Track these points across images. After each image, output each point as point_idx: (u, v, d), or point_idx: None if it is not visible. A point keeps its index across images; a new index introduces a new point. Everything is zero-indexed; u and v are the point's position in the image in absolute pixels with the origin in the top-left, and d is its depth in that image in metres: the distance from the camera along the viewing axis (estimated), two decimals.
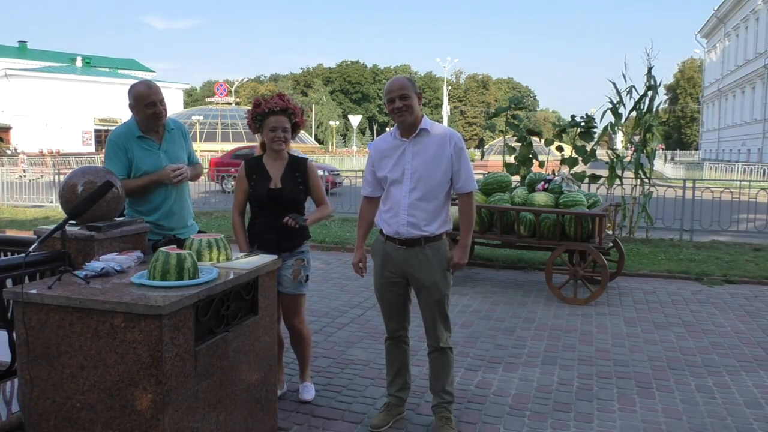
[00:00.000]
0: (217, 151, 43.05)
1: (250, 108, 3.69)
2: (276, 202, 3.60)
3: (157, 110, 3.40)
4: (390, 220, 3.34)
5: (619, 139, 13.05)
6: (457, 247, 3.38)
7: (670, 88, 71.92)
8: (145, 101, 3.37)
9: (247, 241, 3.67)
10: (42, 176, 18.31)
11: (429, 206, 3.28)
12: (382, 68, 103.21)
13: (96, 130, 53.15)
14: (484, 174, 7.39)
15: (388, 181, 3.34)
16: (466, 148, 3.38)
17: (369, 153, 3.49)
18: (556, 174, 7.54)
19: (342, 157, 40.91)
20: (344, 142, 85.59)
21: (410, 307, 3.54)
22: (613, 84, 10.09)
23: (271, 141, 3.60)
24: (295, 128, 3.71)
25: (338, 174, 17.39)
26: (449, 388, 3.47)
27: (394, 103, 3.22)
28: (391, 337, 3.56)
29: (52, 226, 2.66)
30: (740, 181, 13.76)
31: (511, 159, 8.96)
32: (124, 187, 3.24)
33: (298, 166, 3.70)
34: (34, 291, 2.34)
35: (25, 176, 17.52)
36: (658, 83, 9.90)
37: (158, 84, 3.59)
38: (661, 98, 10.37)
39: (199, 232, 3.68)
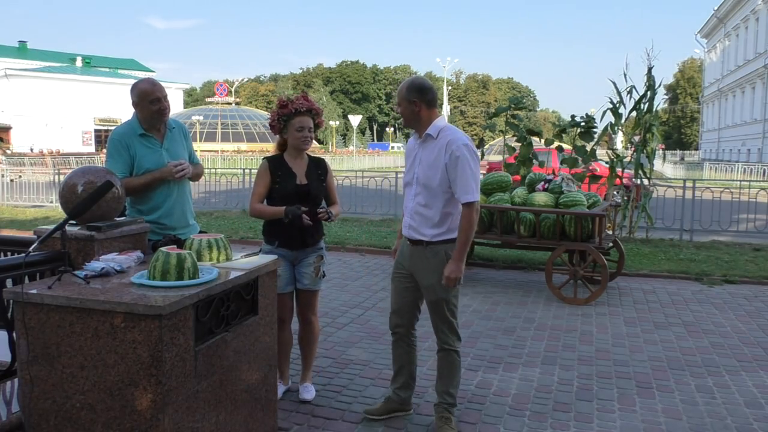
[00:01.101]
0: (215, 151, 43.06)
1: (274, 109, 3.72)
2: (303, 198, 3.65)
3: (162, 106, 3.42)
4: (403, 220, 3.45)
5: (619, 139, 13.02)
6: (450, 260, 3.23)
7: (670, 88, 71.92)
8: (150, 98, 3.38)
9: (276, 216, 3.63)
10: (21, 176, 17.69)
11: (429, 212, 3.28)
12: (382, 68, 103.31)
13: (96, 130, 53.18)
14: (483, 174, 7.39)
15: (404, 182, 3.47)
16: (471, 156, 3.19)
17: None
18: (556, 174, 7.53)
19: (342, 157, 40.93)
20: (344, 142, 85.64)
21: (418, 308, 3.55)
22: (614, 84, 10.10)
23: (297, 140, 3.66)
24: (316, 129, 3.79)
25: None
26: (452, 391, 3.46)
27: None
28: (392, 332, 3.59)
29: (52, 226, 2.65)
30: (740, 181, 13.76)
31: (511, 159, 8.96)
32: (126, 186, 3.24)
33: (320, 164, 3.83)
34: (34, 291, 2.34)
35: (3, 177, 16.55)
36: (657, 83, 9.90)
37: None
38: (660, 98, 10.35)
39: (199, 232, 3.69)
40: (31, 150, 40.21)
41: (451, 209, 3.29)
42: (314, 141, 4.00)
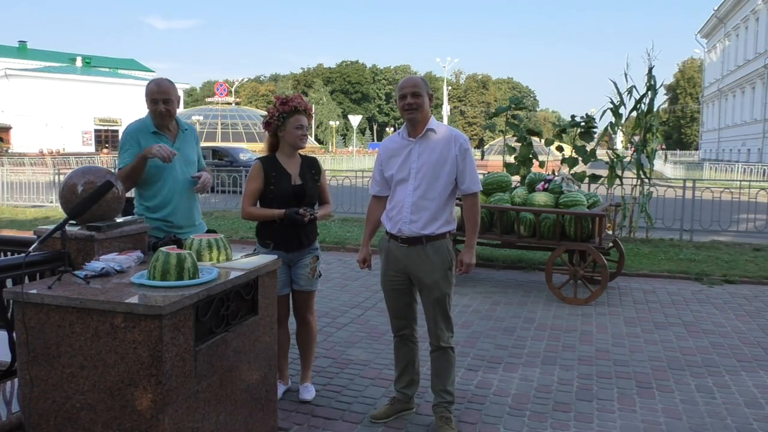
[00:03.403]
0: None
1: (274, 105, 3.70)
2: (299, 198, 3.66)
3: (159, 108, 3.47)
4: (394, 218, 3.38)
5: (619, 139, 13.03)
6: (464, 248, 3.43)
7: (670, 88, 71.91)
8: (150, 97, 3.48)
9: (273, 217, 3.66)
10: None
11: (432, 205, 3.31)
12: (381, 68, 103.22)
13: (96, 130, 53.18)
14: (484, 174, 7.39)
15: (395, 180, 3.39)
16: (471, 149, 3.42)
17: (378, 153, 3.54)
18: (556, 174, 7.53)
19: (342, 158, 40.93)
20: (344, 142, 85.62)
21: (416, 307, 3.56)
22: (614, 84, 10.10)
23: (295, 138, 3.67)
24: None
25: None
26: (450, 388, 3.48)
27: (406, 99, 3.29)
28: (396, 335, 3.60)
29: (52, 226, 2.66)
30: (740, 181, 13.74)
31: (511, 159, 8.96)
32: (120, 176, 3.26)
33: (313, 164, 3.82)
34: (34, 291, 2.34)
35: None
36: (658, 84, 9.89)
37: None
38: (661, 98, 10.37)
39: (208, 231, 3.71)
40: (41, 152, 39.92)
41: (449, 200, 3.38)
42: (314, 141, 4.05)
